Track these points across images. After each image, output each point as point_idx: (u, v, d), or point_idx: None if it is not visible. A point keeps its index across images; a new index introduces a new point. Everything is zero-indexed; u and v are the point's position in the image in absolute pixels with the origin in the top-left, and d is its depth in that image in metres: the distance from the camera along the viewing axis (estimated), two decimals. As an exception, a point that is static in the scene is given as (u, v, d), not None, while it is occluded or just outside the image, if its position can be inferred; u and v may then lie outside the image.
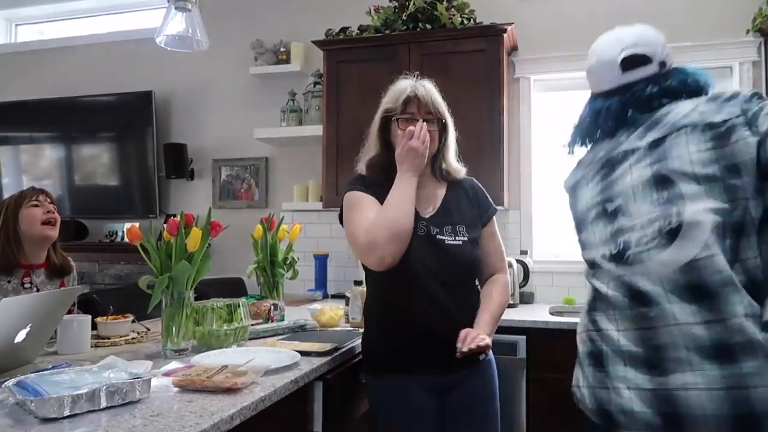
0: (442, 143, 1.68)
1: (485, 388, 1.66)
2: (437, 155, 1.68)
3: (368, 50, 3.09)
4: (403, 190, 1.56)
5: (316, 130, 3.22)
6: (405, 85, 1.67)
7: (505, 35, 2.90)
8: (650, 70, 1.38)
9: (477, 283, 1.72)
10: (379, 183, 1.63)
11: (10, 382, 1.17)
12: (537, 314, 2.64)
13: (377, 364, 1.65)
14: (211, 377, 1.28)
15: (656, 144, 1.22)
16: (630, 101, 1.33)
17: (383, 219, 1.53)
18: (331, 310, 2.18)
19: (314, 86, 3.34)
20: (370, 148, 1.69)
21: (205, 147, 3.74)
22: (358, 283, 2.22)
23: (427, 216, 1.63)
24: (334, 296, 3.27)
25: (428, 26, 3.02)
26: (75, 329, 1.69)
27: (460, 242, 1.61)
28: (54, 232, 2.00)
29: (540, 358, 2.45)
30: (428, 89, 1.65)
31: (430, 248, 1.58)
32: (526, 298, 3.03)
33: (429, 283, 1.56)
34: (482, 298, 1.67)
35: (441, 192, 1.69)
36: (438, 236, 1.59)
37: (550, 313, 2.72)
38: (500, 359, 2.39)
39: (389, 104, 1.66)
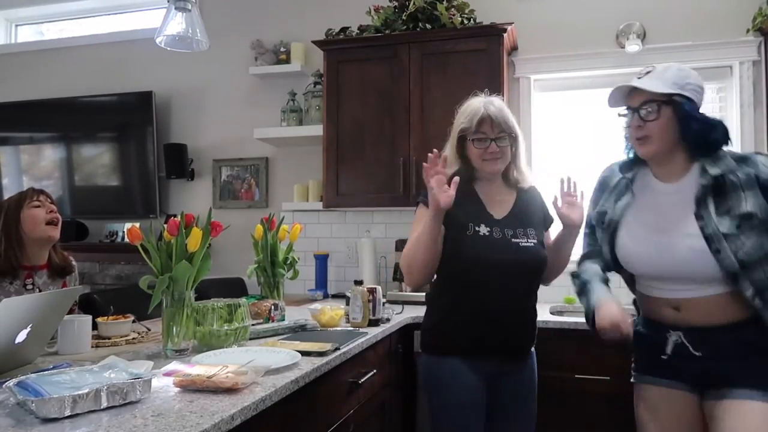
0: (514, 154, 1.84)
1: (530, 379, 1.87)
2: (509, 165, 1.84)
3: (368, 50, 3.10)
4: (423, 227, 1.73)
5: (317, 130, 3.22)
6: (477, 105, 1.79)
7: (505, 35, 2.90)
8: None
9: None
10: (458, 191, 1.73)
11: (11, 383, 1.17)
12: (537, 314, 2.64)
13: (437, 345, 1.81)
14: (211, 377, 1.28)
15: None
16: None
17: (405, 254, 1.78)
18: (332, 310, 2.18)
19: (314, 86, 3.34)
20: (451, 162, 1.80)
21: (205, 147, 3.74)
22: (358, 282, 2.23)
23: (499, 218, 1.80)
24: (334, 296, 3.27)
25: (428, 26, 3.02)
26: (75, 329, 1.69)
27: (532, 244, 1.78)
28: (57, 233, 2.00)
29: (540, 358, 2.44)
30: (498, 107, 1.78)
31: (507, 249, 1.75)
32: (527, 298, 3.02)
33: (500, 279, 1.74)
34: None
35: (512, 198, 1.86)
36: (513, 239, 1.77)
37: (551, 313, 2.72)
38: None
39: (464, 124, 1.79)
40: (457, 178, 1.70)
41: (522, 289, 1.79)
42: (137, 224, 1.88)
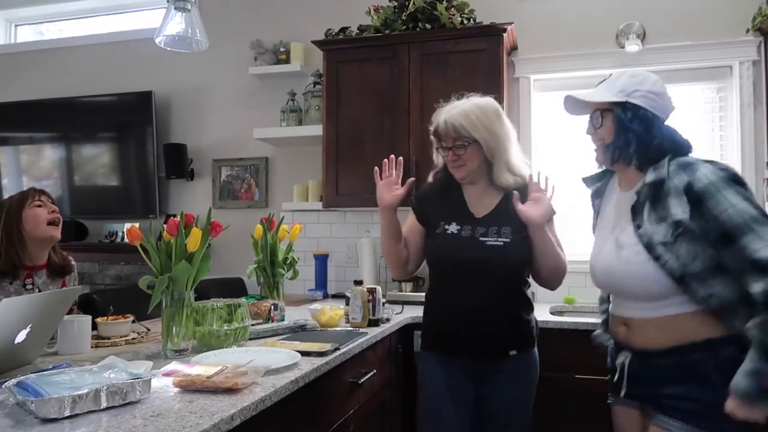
0: (493, 156, 1.79)
1: (522, 384, 1.82)
2: (490, 168, 1.80)
3: (368, 50, 3.10)
4: (381, 224, 1.87)
5: (316, 130, 3.22)
6: (439, 114, 1.81)
7: (505, 35, 2.90)
8: None
9: (525, 284, 1.86)
10: (436, 191, 1.90)
11: (11, 383, 1.17)
12: (537, 314, 2.61)
13: (425, 341, 1.91)
14: (211, 377, 1.28)
15: None
16: None
17: None
18: (331, 310, 2.18)
19: (314, 86, 3.34)
20: (437, 162, 1.91)
21: (205, 147, 3.74)
22: (358, 282, 2.23)
23: (479, 217, 1.82)
24: (334, 296, 3.27)
25: (428, 26, 3.02)
26: (75, 329, 1.69)
27: (501, 243, 1.76)
28: (58, 233, 2.00)
29: (540, 358, 2.43)
30: (454, 115, 1.77)
31: (471, 247, 1.77)
32: (526, 298, 3.02)
33: (468, 278, 1.76)
34: None
35: (496, 199, 1.84)
36: (480, 237, 1.77)
37: (551, 313, 2.72)
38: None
39: (432, 134, 1.85)
40: (411, 179, 1.83)
41: (489, 287, 1.75)
42: (137, 224, 1.88)
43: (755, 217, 1.29)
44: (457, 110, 1.77)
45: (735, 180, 1.36)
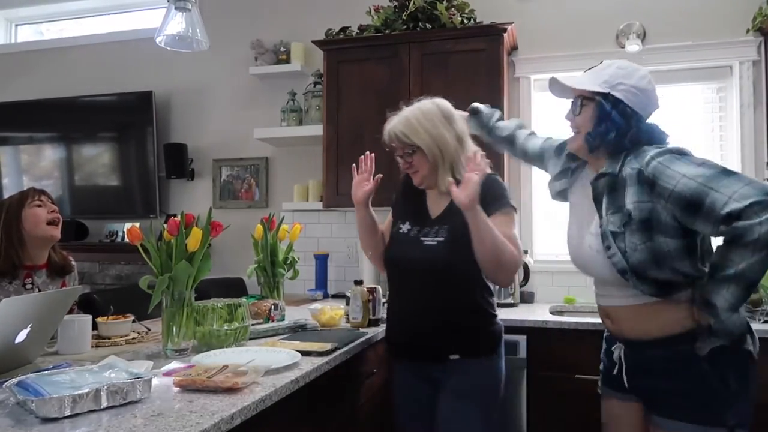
0: (438, 161, 1.73)
1: (474, 390, 1.70)
2: (436, 173, 1.75)
3: (368, 50, 3.10)
4: (356, 219, 1.94)
5: (317, 129, 3.22)
6: (389, 121, 1.81)
7: (505, 35, 2.90)
8: None
9: (476, 286, 1.74)
10: (404, 191, 1.92)
11: (11, 382, 1.17)
12: (537, 314, 2.64)
13: (389, 348, 1.92)
14: (211, 377, 1.28)
15: None
16: None
17: None
18: (332, 310, 2.18)
19: (314, 86, 3.34)
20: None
21: (205, 147, 3.74)
22: (358, 282, 2.23)
23: (433, 217, 1.79)
24: (334, 296, 3.27)
25: (428, 26, 3.02)
26: (75, 329, 1.70)
27: (435, 242, 1.72)
28: (58, 232, 2.00)
29: (540, 358, 2.45)
30: (393, 127, 1.77)
31: (412, 248, 1.76)
32: (527, 298, 3.03)
33: (408, 279, 1.77)
34: None
35: (448, 199, 1.72)
36: (421, 237, 1.75)
37: (551, 313, 2.72)
38: (500, 359, 2.40)
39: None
40: (379, 176, 1.87)
41: (430, 288, 1.70)
42: (137, 224, 1.88)
43: (709, 176, 1.29)
44: (399, 117, 1.77)
45: (681, 153, 1.38)
